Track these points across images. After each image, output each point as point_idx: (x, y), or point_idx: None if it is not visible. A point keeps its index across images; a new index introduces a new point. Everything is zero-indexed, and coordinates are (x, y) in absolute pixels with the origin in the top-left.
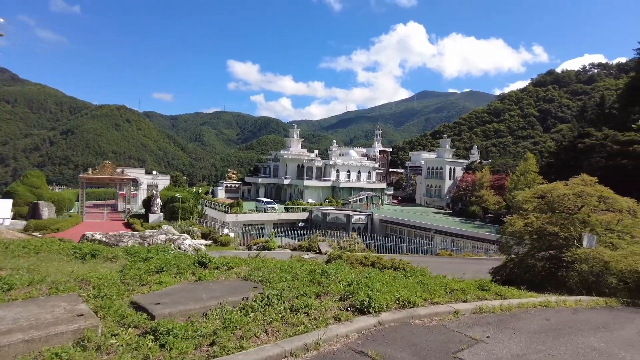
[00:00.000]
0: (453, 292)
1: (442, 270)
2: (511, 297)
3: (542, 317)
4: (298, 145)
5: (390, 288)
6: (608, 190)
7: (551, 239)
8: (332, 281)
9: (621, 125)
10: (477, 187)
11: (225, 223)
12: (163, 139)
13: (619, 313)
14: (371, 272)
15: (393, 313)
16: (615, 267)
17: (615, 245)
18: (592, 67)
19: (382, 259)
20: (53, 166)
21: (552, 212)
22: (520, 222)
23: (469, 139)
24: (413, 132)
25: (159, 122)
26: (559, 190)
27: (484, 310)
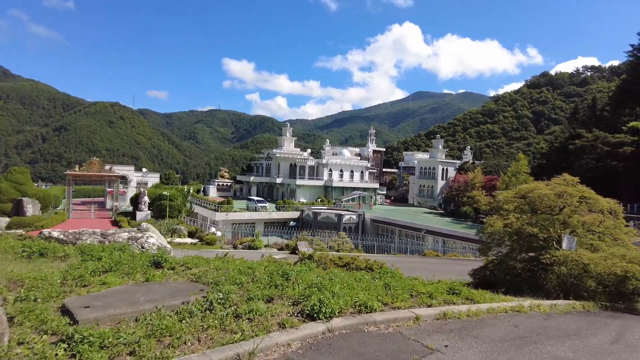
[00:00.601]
0: (419, 295)
1: (423, 271)
2: (482, 301)
3: (511, 324)
4: (291, 144)
5: (350, 291)
6: (589, 191)
7: (531, 240)
8: (290, 284)
9: (612, 127)
10: (469, 187)
11: (215, 222)
12: (157, 137)
13: (594, 318)
14: (338, 274)
15: (346, 319)
16: (594, 270)
17: (595, 247)
18: (585, 69)
19: (356, 260)
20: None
21: (533, 213)
22: (499, 222)
23: (463, 140)
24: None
25: (154, 119)
26: (540, 191)
27: (449, 316)
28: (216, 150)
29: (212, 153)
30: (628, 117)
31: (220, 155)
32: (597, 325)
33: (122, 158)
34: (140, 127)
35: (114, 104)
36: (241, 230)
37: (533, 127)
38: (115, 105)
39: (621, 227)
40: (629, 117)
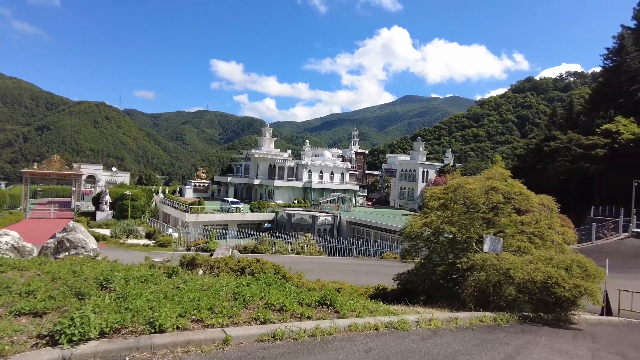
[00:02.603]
0: (266, 308)
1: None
2: (349, 315)
3: (364, 347)
4: (271, 144)
5: (159, 305)
6: (520, 186)
7: (454, 242)
8: (95, 295)
9: (587, 129)
10: None
11: (185, 223)
12: (143, 137)
13: (495, 335)
14: (194, 283)
15: (103, 343)
16: (515, 276)
17: (523, 250)
18: (568, 75)
19: (253, 264)
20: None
21: (455, 210)
22: (419, 221)
23: (448, 143)
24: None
25: (140, 120)
26: (467, 186)
27: (281, 335)
28: (203, 151)
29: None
30: (602, 119)
31: (206, 157)
32: (489, 346)
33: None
34: (126, 128)
35: (100, 103)
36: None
37: (517, 131)
38: (100, 105)
39: (555, 226)
40: (602, 119)
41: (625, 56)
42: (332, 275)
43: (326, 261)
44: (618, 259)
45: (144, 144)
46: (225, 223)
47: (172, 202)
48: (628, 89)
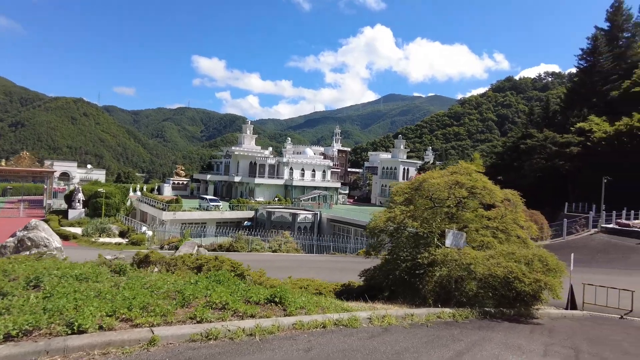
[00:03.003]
0: (207, 307)
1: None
2: (296, 312)
3: (304, 347)
4: (251, 141)
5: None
6: (484, 180)
7: (417, 237)
8: (19, 294)
9: (562, 128)
10: None
11: (163, 221)
12: (123, 135)
13: (449, 332)
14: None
15: (7, 348)
16: (476, 271)
17: (486, 245)
18: (547, 75)
19: (212, 261)
20: None
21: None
22: (383, 216)
23: (430, 142)
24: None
25: (120, 117)
26: (431, 180)
27: (215, 335)
28: (184, 148)
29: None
30: (576, 118)
31: (188, 154)
32: (440, 343)
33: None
34: (105, 125)
35: (78, 99)
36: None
37: (497, 130)
38: (78, 101)
39: (520, 221)
40: (576, 118)
41: (598, 57)
42: (307, 273)
43: (302, 259)
44: (587, 254)
45: (123, 141)
46: (203, 221)
47: (150, 200)
48: (601, 89)
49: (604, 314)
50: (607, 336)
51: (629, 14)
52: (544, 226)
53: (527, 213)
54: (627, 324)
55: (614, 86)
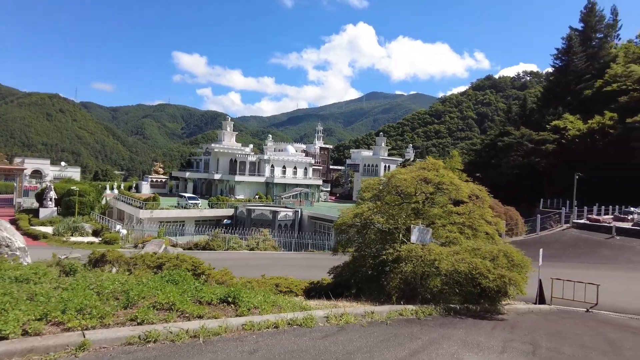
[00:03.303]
0: (153, 307)
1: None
2: (247, 313)
3: (250, 348)
4: (232, 138)
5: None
6: (451, 176)
7: (384, 233)
8: None
9: (538, 126)
10: None
11: (140, 220)
12: (101, 131)
13: (408, 330)
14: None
15: None
16: (440, 267)
17: (452, 240)
18: (525, 74)
19: (173, 260)
20: None
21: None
22: (351, 213)
23: (411, 140)
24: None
25: (98, 113)
26: (399, 176)
27: (155, 337)
28: (164, 146)
29: (160, 149)
30: (551, 116)
31: (168, 152)
32: (397, 342)
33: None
34: (82, 121)
35: (53, 95)
36: (170, 229)
37: (477, 128)
38: (54, 96)
39: (487, 216)
40: (552, 116)
41: (572, 56)
42: (282, 271)
43: (280, 256)
44: (559, 249)
45: (102, 139)
46: (182, 219)
47: (127, 199)
48: (575, 88)
49: (571, 308)
50: (568, 330)
51: (602, 15)
52: (519, 222)
53: (503, 209)
54: (591, 317)
55: (587, 85)
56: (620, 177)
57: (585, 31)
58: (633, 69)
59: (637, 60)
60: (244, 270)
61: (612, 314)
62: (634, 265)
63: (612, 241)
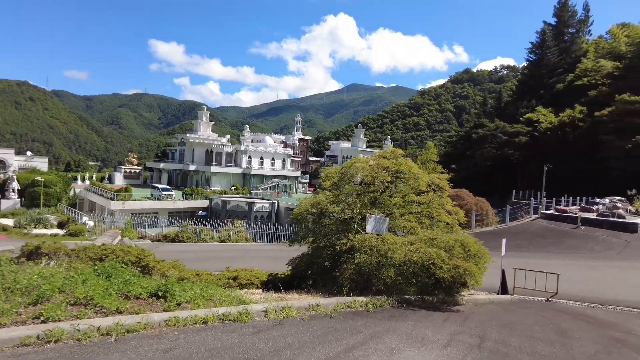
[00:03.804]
0: (67, 302)
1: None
2: (174, 308)
3: (167, 346)
4: (208, 128)
5: None
6: (409, 165)
7: (339, 223)
8: None
9: (512, 118)
10: None
11: (112, 212)
12: (75, 121)
13: (351, 324)
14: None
15: None
16: (393, 257)
17: (409, 230)
18: (502, 68)
19: (117, 251)
20: None
21: (346, 190)
22: (308, 202)
23: (390, 132)
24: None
25: (71, 102)
26: (357, 164)
27: (57, 336)
28: (141, 136)
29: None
30: (525, 109)
31: (144, 142)
32: (335, 336)
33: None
34: (54, 110)
35: (22, 82)
36: (142, 220)
37: (455, 121)
38: (23, 84)
39: (447, 206)
40: (525, 109)
41: (546, 50)
42: (249, 262)
43: (250, 248)
44: (526, 239)
45: (75, 128)
46: (155, 211)
47: (98, 190)
48: (547, 82)
49: (532, 298)
50: (522, 321)
51: (574, 11)
52: (489, 213)
53: (474, 200)
54: (550, 307)
55: (559, 79)
56: (590, 169)
57: (559, 26)
58: (602, 64)
59: (607, 55)
60: (210, 263)
61: (571, 302)
62: (596, 254)
63: (577, 231)
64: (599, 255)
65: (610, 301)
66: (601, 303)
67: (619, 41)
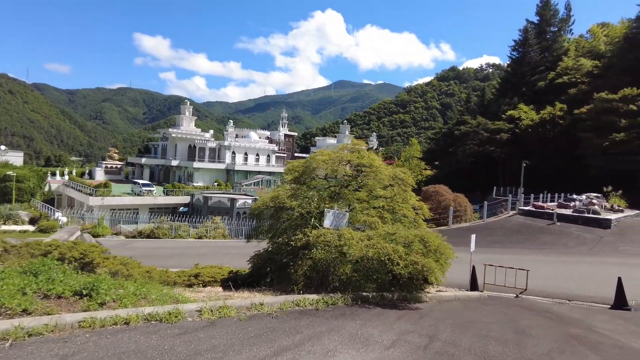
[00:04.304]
0: None
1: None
2: (93, 307)
3: (67, 351)
4: (190, 123)
5: None
6: (372, 158)
7: (297, 218)
8: None
9: (494, 115)
10: None
11: (91, 208)
12: (57, 115)
13: (292, 324)
14: None
15: None
16: (349, 252)
17: (370, 225)
18: (488, 66)
19: (62, 247)
20: None
21: (308, 184)
22: (268, 196)
23: (377, 128)
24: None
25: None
26: (319, 157)
27: None
28: (125, 131)
29: (121, 134)
30: (507, 106)
31: (129, 137)
32: (269, 338)
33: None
34: (35, 104)
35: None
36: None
37: (441, 118)
38: (2, 76)
39: (411, 201)
40: (507, 106)
41: (528, 48)
42: (221, 259)
43: (225, 244)
44: (502, 235)
45: (57, 123)
46: (135, 207)
47: (77, 185)
48: (529, 79)
49: (501, 294)
50: (481, 319)
51: (556, 10)
52: (468, 209)
53: (452, 196)
54: (516, 304)
55: (541, 77)
56: (570, 167)
57: (541, 24)
58: (582, 62)
59: (587, 54)
60: (180, 259)
61: (540, 299)
62: (570, 250)
63: (553, 227)
64: (571, 251)
65: (578, 297)
66: (569, 299)
67: (599, 40)
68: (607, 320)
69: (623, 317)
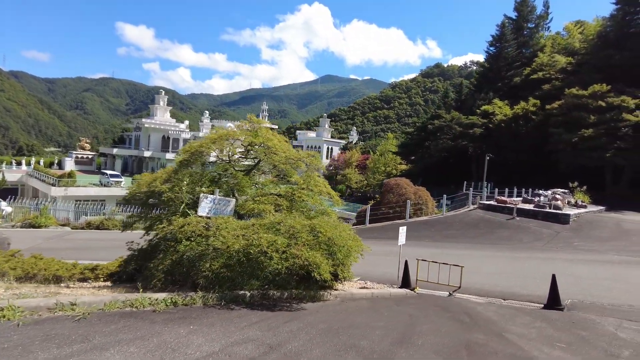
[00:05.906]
0: None
1: None
2: None
3: None
4: (165, 113)
5: None
6: (268, 137)
7: (172, 206)
8: None
9: (470, 110)
10: (346, 165)
11: (54, 198)
12: (35, 104)
13: (89, 330)
14: None
15: None
16: (213, 244)
17: (259, 213)
18: (472, 64)
19: None
20: None
21: (189, 166)
22: (144, 181)
23: (361, 124)
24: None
25: (31, 84)
26: (211, 136)
27: None
28: (107, 122)
29: (102, 125)
30: (482, 100)
31: (110, 128)
32: (33, 349)
33: None
34: (11, 92)
35: None
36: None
37: (424, 114)
38: None
39: (317, 187)
40: (483, 101)
41: (505, 44)
42: None
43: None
44: (459, 229)
45: (35, 112)
46: (102, 198)
47: (40, 175)
48: (505, 75)
49: (435, 292)
50: (369, 322)
51: (534, 6)
52: (428, 202)
53: (413, 189)
54: (439, 303)
55: (517, 72)
56: (542, 162)
57: (518, 20)
58: (557, 59)
59: (562, 51)
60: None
61: (473, 297)
62: (524, 245)
63: (511, 222)
64: (526, 247)
65: (515, 295)
66: (505, 297)
67: (574, 38)
68: (527, 323)
69: (548, 318)
